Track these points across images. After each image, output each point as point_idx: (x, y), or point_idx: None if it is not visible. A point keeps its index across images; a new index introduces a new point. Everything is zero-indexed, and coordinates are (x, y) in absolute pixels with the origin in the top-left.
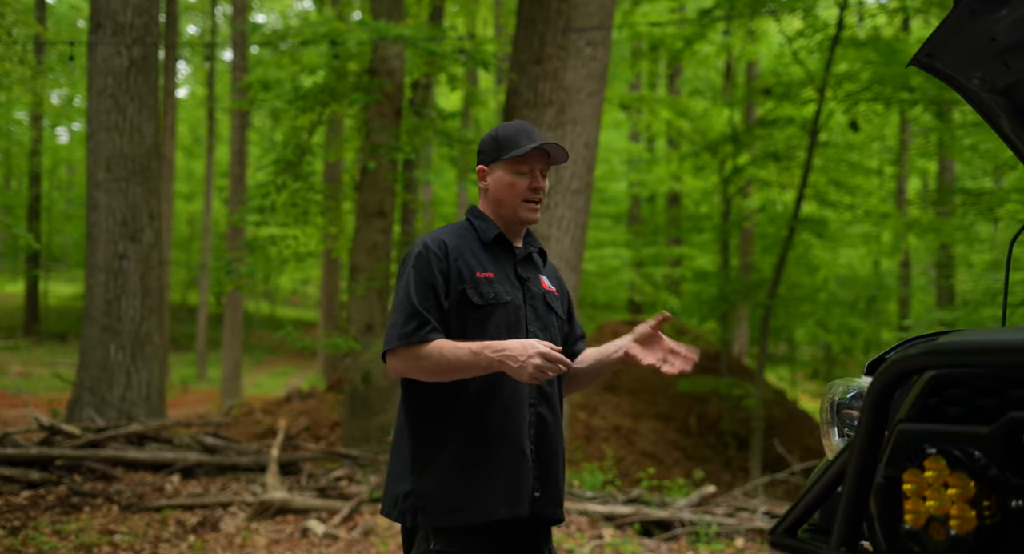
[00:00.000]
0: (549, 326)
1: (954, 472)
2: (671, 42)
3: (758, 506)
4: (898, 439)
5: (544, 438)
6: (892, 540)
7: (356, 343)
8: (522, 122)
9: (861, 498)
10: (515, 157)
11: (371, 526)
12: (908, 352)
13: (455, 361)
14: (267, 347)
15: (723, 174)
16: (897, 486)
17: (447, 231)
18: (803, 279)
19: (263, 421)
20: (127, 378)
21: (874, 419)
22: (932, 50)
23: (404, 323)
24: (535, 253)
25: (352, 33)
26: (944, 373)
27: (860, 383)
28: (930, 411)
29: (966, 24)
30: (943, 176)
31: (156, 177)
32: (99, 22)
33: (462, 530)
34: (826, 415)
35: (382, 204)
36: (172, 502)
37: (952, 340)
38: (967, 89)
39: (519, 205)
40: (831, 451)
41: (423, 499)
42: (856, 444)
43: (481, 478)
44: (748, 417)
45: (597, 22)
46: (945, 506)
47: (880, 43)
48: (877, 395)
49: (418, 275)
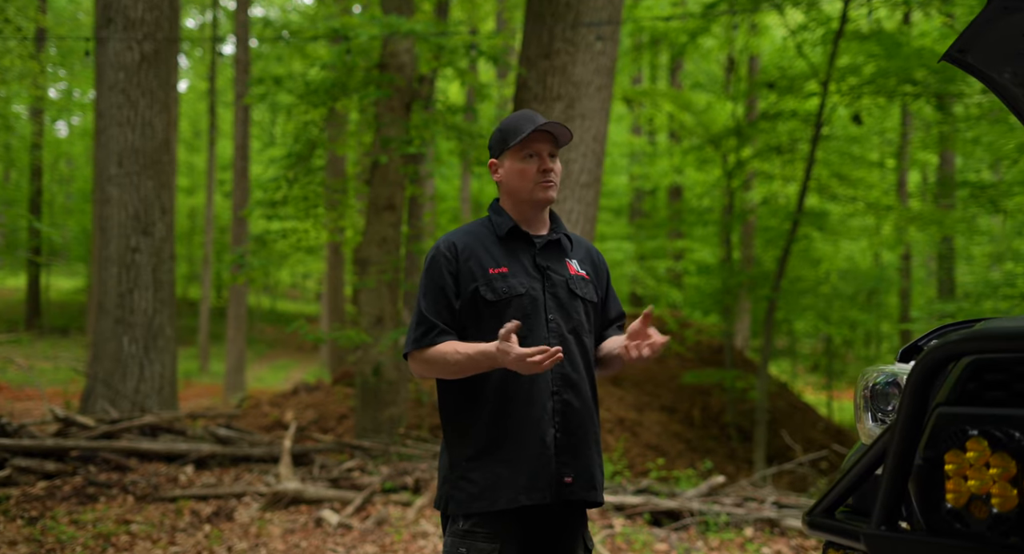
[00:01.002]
0: (573, 312)
1: (996, 453)
2: (674, 36)
3: (766, 496)
4: (937, 422)
5: (572, 424)
6: (931, 519)
7: (367, 335)
8: (525, 110)
9: (902, 479)
10: (519, 143)
11: (384, 516)
12: (949, 338)
13: (457, 365)
14: (268, 341)
15: (727, 167)
16: (937, 467)
17: (462, 231)
18: (805, 272)
19: (270, 414)
20: (140, 370)
21: (916, 403)
22: (964, 46)
23: (414, 329)
24: (561, 238)
25: (364, 28)
26: (983, 358)
27: (894, 369)
28: (968, 395)
29: (998, 21)
30: (943, 169)
31: (168, 171)
32: (110, 17)
33: (488, 513)
34: (861, 401)
35: (392, 198)
36: (186, 492)
37: (992, 326)
38: (997, 83)
39: (533, 188)
40: (865, 435)
41: (455, 487)
42: (898, 427)
43: (503, 467)
44: (751, 409)
45: (606, 16)
46: (986, 485)
47: (883, 36)
48: (919, 379)
49: (430, 280)
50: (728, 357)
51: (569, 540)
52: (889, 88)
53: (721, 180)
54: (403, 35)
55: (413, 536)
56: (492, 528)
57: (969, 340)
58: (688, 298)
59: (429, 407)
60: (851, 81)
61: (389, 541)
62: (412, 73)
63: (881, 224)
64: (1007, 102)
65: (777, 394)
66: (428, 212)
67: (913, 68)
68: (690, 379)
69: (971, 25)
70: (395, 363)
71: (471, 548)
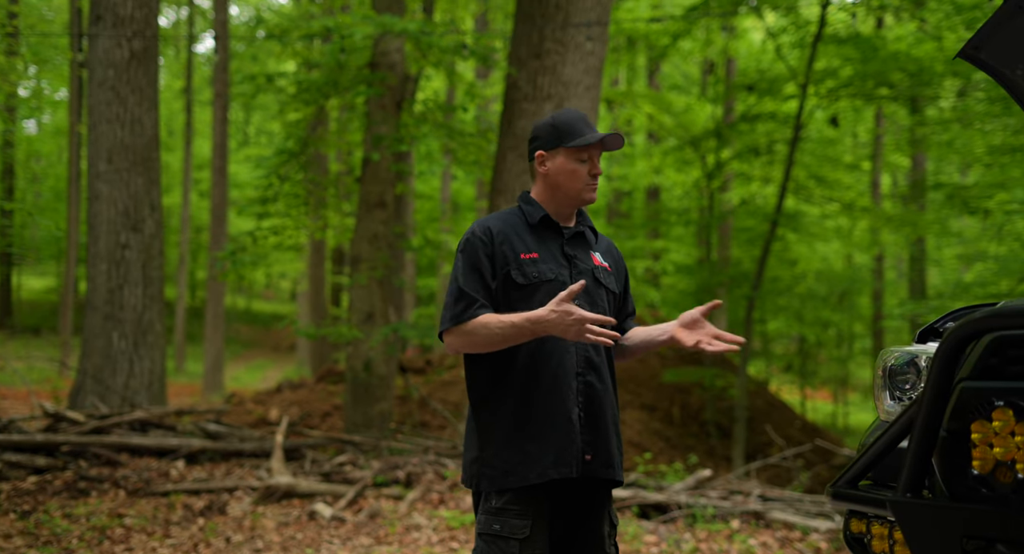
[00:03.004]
0: (597, 300)
1: (1020, 422)
2: (655, 38)
3: (752, 489)
4: (961, 396)
5: (594, 405)
6: (955, 487)
7: (359, 331)
8: (575, 110)
9: (928, 449)
10: (578, 146)
11: (377, 509)
12: (973, 316)
13: (501, 334)
14: (244, 341)
15: (706, 169)
16: (960, 438)
17: (495, 217)
18: (782, 272)
19: (255, 411)
20: (130, 366)
21: (943, 376)
22: (979, 43)
23: (454, 304)
24: (586, 230)
25: (359, 27)
26: (1005, 335)
27: (911, 350)
28: (991, 370)
29: (1014, 19)
30: (916, 172)
31: (157, 168)
32: (99, 14)
33: (520, 489)
34: (879, 380)
35: (383, 195)
36: (178, 487)
37: (1014, 305)
38: (1008, 79)
39: (582, 188)
40: (884, 413)
41: (486, 465)
42: (925, 400)
43: (533, 443)
44: (730, 407)
45: (595, 17)
46: (1011, 452)
47: (860, 40)
48: (946, 355)
49: (467, 260)
50: (707, 356)
51: (596, 516)
52: (866, 91)
53: (700, 181)
54: (396, 34)
55: (406, 528)
56: (524, 505)
57: (994, 317)
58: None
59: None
60: (829, 84)
61: (383, 533)
62: (403, 71)
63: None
64: (1018, 99)
65: (755, 393)
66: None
67: (889, 71)
68: (670, 377)
69: (987, 23)
70: (385, 358)
71: (505, 525)
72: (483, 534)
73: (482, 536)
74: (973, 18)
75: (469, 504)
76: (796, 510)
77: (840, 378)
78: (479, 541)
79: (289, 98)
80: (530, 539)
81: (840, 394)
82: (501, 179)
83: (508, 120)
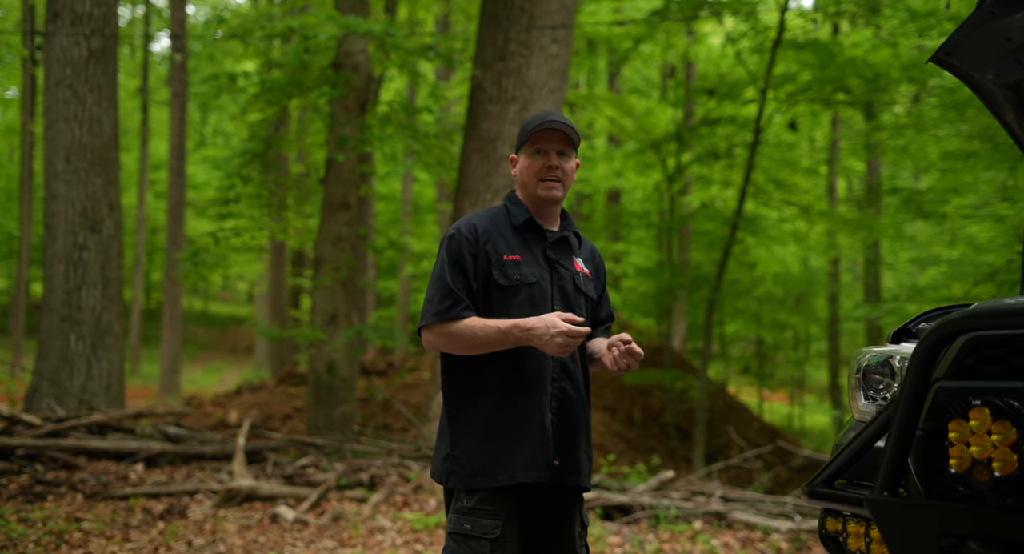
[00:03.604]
0: (576, 306)
1: (997, 421)
2: (617, 42)
3: (714, 490)
4: (937, 396)
5: (566, 411)
6: (930, 485)
7: (322, 333)
8: (546, 110)
9: (905, 448)
10: (527, 140)
11: (340, 512)
12: (950, 317)
13: (485, 338)
14: (200, 343)
15: (667, 172)
16: (936, 437)
17: (481, 216)
18: (741, 275)
19: (214, 413)
20: (88, 368)
21: (920, 376)
22: (950, 49)
23: (439, 301)
24: (570, 236)
25: (323, 27)
26: (981, 335)
27: (886, 351)
28: (966, 370)
29: (985, 24)
30: (871, 176)
31: (116, 168)
32: (57, 12)
33: (491, 489)
34: (854, 380)
35: (347, 197)
36: (137, 490)
37: (990, 306)
38: (978, 84)
39: (536, 184)
40: (858, 413)
41: (456, 462)
42: (902, 400)
43: (505, 445)
44: (690, 409)
45: (559, 20)
46: (988, 451)
47: (818, 46)
48: (924, 355)
49: (451, 257)
50: (668, 358)
51: (566, 518)
52: (825, 96)
53: (661, 184)
54: (361, 35)
55: (370, 531)
56: (495, 506)
57: (970, 318)
58: (626, 300)
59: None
60: (788, 88)
61: (347, 536)
62: (367, 73)
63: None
64: (985, 101)
65: (715, 394)
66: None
67: (847, 77)
68: (631, 380)
69: (959, 29)
70: (348, 361)
71: (476, 524)
72: (454, 533)
73: (452, 535)
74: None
75: (433, 506)
76: (757, 510)
77: (797, 380)
78: (449, 540)
79: (252, 98)
80: (501, 539)
81: (797, 396)
82: (466, 181)
83: (473, 122)
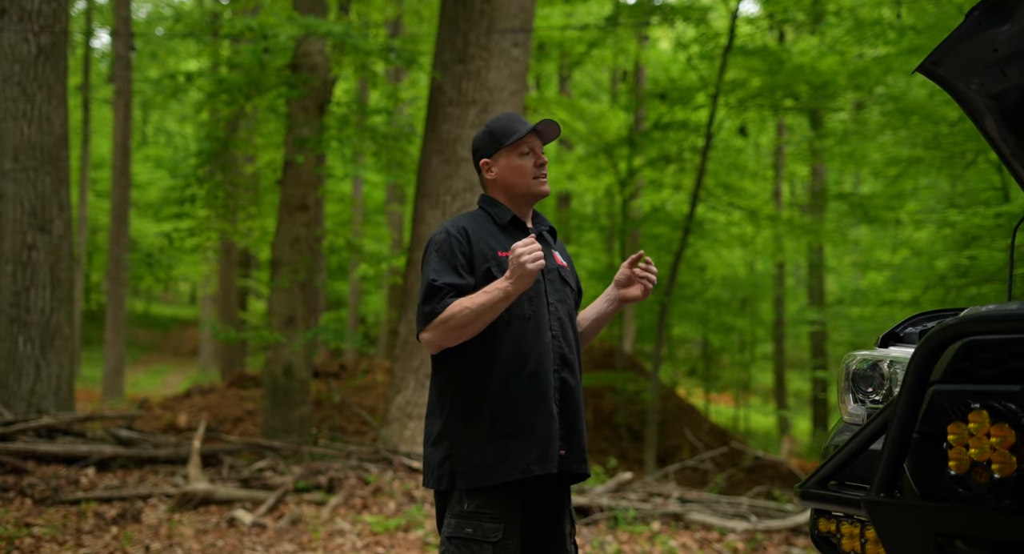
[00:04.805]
0: (565, 298)
1: (995, 424)
2: (570, 45)
3: (671, 492)
4: (933, 399)
5: (568, 400)
6: (928, 486)
7: (280, 335)
8: (509, 113)
9: (903, 450)
10: (515, 142)
11: (298, 515)
12: (947, 322)
13: (476, 308)
14: (143, 345)
15: (619, 176)
16: (932, 440)
17: (465, 218)
18: (691, 278)
19: (163, 417)
20: (36, 371)
21: (919, 380)
22: (937, 59)
23: (425, 303)
24: (545, 232)
25: (283, 28)
26: (977, 339)
27: (875, 354)
28: (962, 373)
29: (972, 36)
30: (816, 181)
31: (66, 168)
32: (4, 7)
33: (496, 489)
34: (843, 383)
35: (305, 198)
36: (89, 495)
37: (988, 310)
38: (963, 93)
39: (531, 182)
40: (847, 415)
41: (461, 463)
42: (900, 403)
43: (515, 439)
44: (641, 411)
45: (518, 24)
46: (986, 453)
47: (768, 53)
48: (923, 359)
49: (441, 258)
50: (619, 360)
51: (559, 514)
52: (774, 101)
53: (613, 188)
54: (321, 36)
55: (330, 534)
56: (496, 508)
57: (968, 322)
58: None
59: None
60: (739, 94)
61: (307, 539)
62: (325, 74)
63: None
64: (968, 111)
65: (665, 396)
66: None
67: (795, 83)
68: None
69: (946, 39)
70: (306, 363)
71: (477, 528)
72: (453, 538)
73: (452, 540)
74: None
75: (393, 509)
76: (713, 511)
77: (742, 382)
78: (448, 545)
79: (207, 97)
80: (503, 542)
81: (742, 398)
82: (425, 183)
83: (432, 124)
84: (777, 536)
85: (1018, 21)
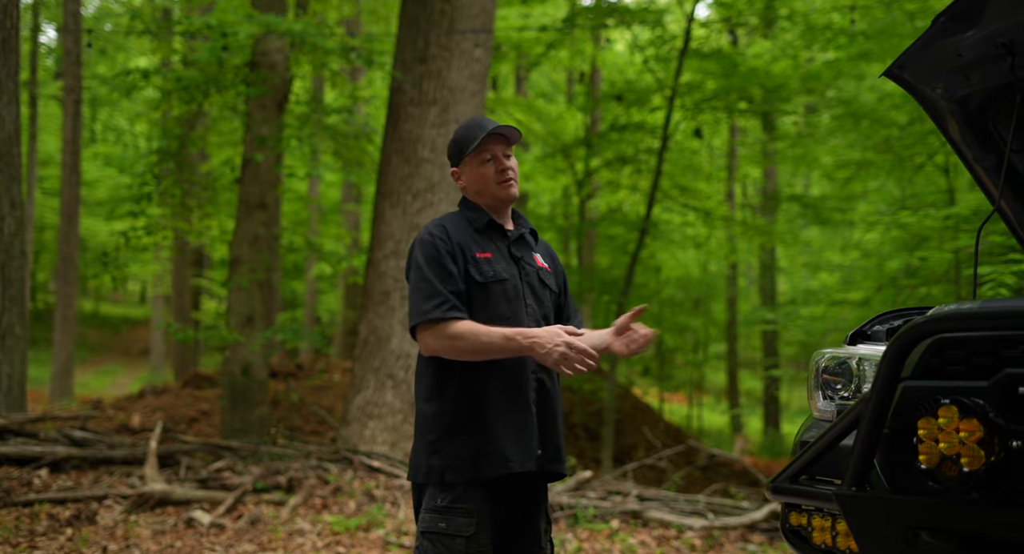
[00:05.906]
0: (543, 300)
1: (964, 419)
2: (528, 46)
3: (630, 490)
4: (903, 395)
5: (544, 401)
6: (898, 480)
7: (239, 335)
8: (474, 118)
9: (874, 445)
10: (474, 150)
11: (257, 515)
12: (917, 321)
13: (489, 344)
14: (91, 346)
15: (576, 176)
16: (902, 435)
17: (445, 219)
18: (647, 279)
19: (116, 417)
20: None
21: (890, 376)
22: (903, 63)
23: (424, 301)
24: (526, 233)
25: (242, 26)
26: (946, 337)
27: (845, 353)
28: (931, 370)
29: (938, 41)
30: (768, 183)
31: (17, 165)
32: None
33: (471, 485)
34: (813, 381)
35: (264, 197)
36: (42, 496)
37: (958, 309)
38: (927, 97)
39: (495, 188)
40: (816, 411)
41: (439, 458)
42: (872, 398)
43: (494, 437)
44: (598, 410)
45: (479, 24)
46: (955, 448)
47: (722, 56)
48: (894, 356)
49: (429, 258)
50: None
51: (535, 512)
52: (729, 104)
53: (570, 188)
54: (280, 34)
55: (290, 534)
56: (470, 503)
57: (937, 320)
58: None
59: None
60: (695, 97)
61: (266, 539)
62: (285, 72)
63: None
64: (932, 115)
65: (621, 396)
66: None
67: (749, 86)
68: None
69: (912, 45)
70: (264, 363)
71: (451, 523)
72: (427, 532)
73: (426, 535)
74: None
75: (353, 508)
76: (671, 509)
77: (695, 381)
78: (423, 539)
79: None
80: (476, 536)
81: (695, 397)
82: (386, 182)
83: (393, 124)
84: (734, 533)
85: (982, 28)
